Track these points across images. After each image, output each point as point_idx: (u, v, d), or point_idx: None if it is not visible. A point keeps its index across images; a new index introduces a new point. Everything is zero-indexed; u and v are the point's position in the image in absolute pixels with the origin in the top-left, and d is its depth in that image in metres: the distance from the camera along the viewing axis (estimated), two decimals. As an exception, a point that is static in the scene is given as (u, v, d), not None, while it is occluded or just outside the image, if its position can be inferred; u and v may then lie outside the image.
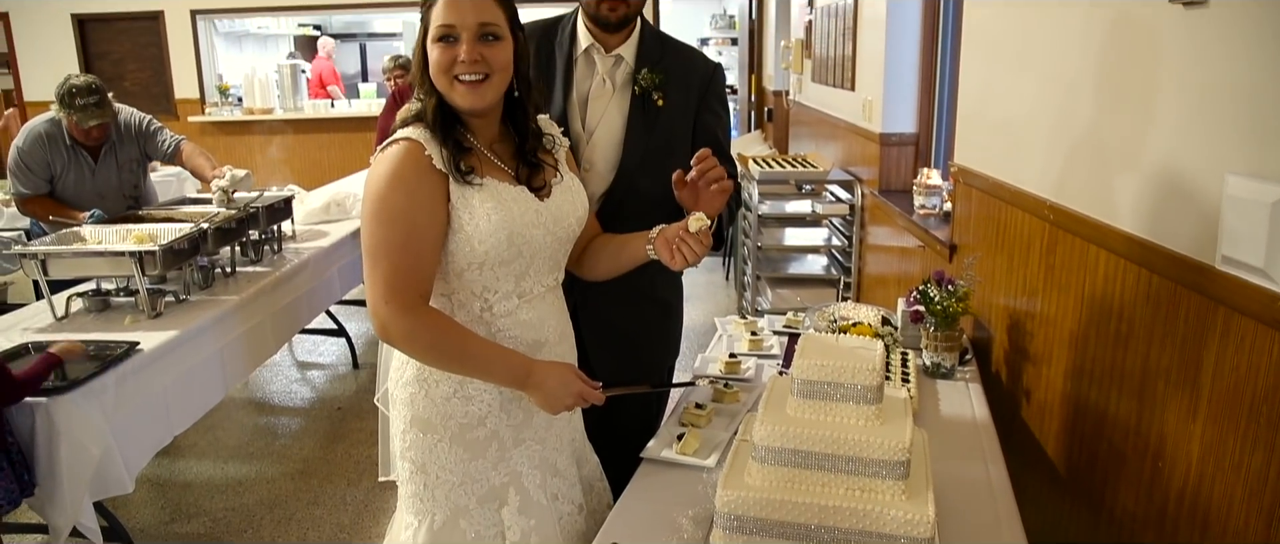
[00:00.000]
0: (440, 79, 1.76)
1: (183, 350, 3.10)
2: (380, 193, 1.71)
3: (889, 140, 4.43)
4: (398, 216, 1.70)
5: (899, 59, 4.33)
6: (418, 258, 1.73)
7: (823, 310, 2.91)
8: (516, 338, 1.86)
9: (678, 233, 1.84)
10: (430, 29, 1.75)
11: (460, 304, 1.84)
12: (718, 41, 13.91)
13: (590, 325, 2.24)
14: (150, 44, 9.72)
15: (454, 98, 1.77)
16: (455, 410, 1.86)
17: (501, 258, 1.80)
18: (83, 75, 3.94)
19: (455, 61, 1.74)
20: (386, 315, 1.71)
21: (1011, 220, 2.72)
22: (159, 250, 3.15)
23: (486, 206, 1.76)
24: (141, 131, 4.17)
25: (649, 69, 2.25)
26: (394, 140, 1.77)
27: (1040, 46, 2.54)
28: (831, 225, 5.42)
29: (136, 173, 4.20)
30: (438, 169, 1.74)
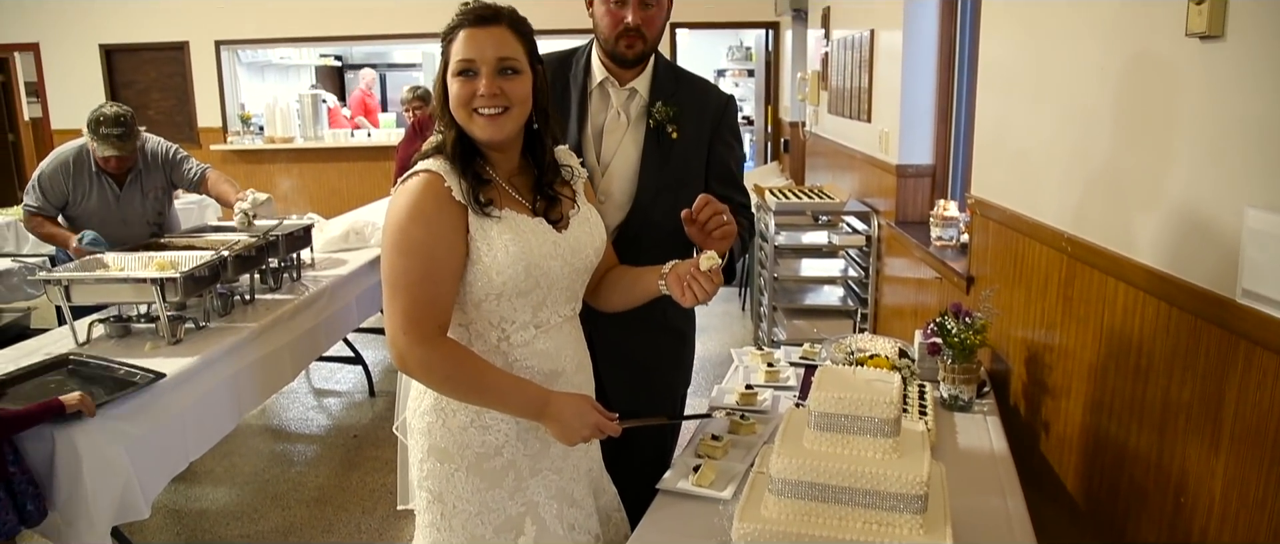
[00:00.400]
0: (460, 112, 1.78)
1: (201, 377, 3.11)
2: (400, 224, 1.73)
3: (905, 172, 4.42)
4: (417, 248, 1.72)
5: (915, 91, 4.33)
6: (436, 289, 1.74)
7: (839, 342, 2.91)
8: (533, 368, 1.86)
9: (690, 270, 1.84)
10: (450, 63, 1.78)
11: (478, 334, 1.85)
12: (734, 73, 13.97)
13: (605, 353, 2.24)
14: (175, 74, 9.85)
15: (473, 130, 1.78)
16: (472, 440, 1.86)
17: (519, 289, 1.80)
18: (114, 105, 3.98)
19: (475, 95, 1.76)
20: (404, 346, 1.73)
21: (1029, 252, 2.70)
22: (180, 277, 3.17)
23: (505, 238, 1.77)
24: (168, 160, 4.21)
25: (663, 102, 2.27)
26: (414, 172, 1.78)
27: (1057, 79, 2.54)
28: (848, 256, 5.40)
29: (161, 200, 4.24)
30: (457, 201, 1.75)
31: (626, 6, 2.18)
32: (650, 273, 1.93)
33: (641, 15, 2.19)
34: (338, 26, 9.71)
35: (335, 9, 9.62)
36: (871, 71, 4.95)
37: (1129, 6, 2.15)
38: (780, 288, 5.43)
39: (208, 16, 9.68)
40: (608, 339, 2.25)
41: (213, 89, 9.84)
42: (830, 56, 6.25)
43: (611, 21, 2.19)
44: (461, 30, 1.77)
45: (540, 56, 1.86)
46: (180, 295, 3.19)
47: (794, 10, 7.82)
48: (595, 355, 2.12)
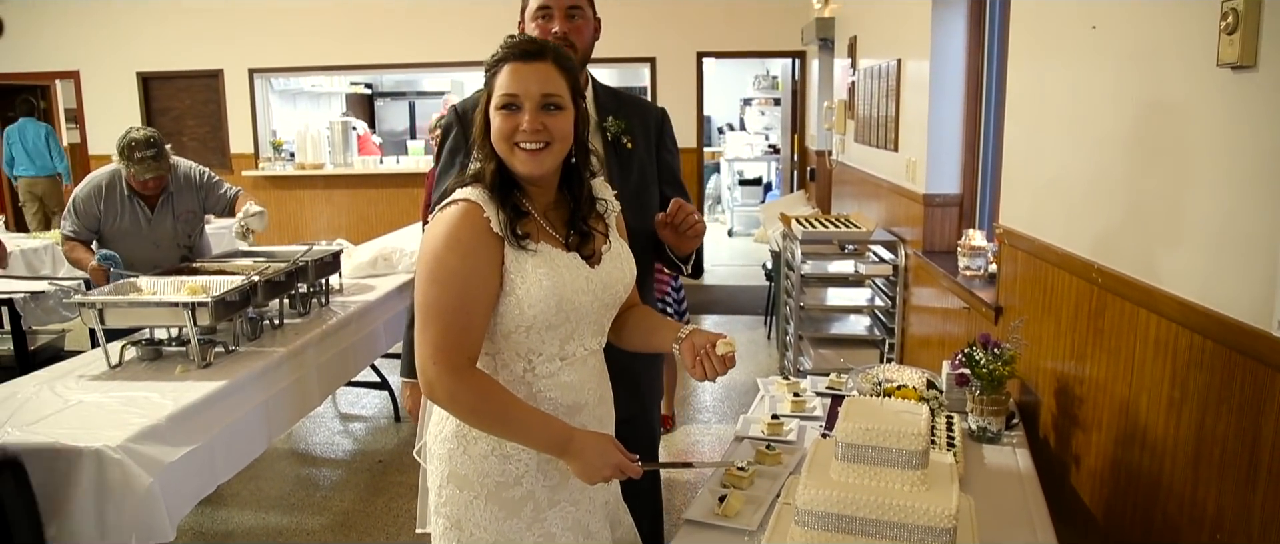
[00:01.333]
0: (502, 145, 1.79)
1: (231, 400, 3.12)
2: (437, 252, 1.74)
3: (933, 201, 4.40)
4: (452, 278, 1.73)
5: (942, 120, 4.32)
6: (469, 320, 1.74)
7: (866, 372, 2.89)
8: (555, 400, 1.87)
9: (705, 347, 1.85)
10: (494, 96, 1.79)
11: (504, 364, 1.85)
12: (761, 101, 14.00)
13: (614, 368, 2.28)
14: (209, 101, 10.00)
15: (514, 164, 1.80)
16: (492, 469, 1.86)
17: (549, 322, 1.81)
18: (143, 128, 4.05)
19: (517, 129, 1.77)
20: (433, 375, 1.73)
21: (1058, 283, 2.68)
22: (211, 302, 3.20)
23: (539, 272, 1.78)
24: (199, 184, 4.26)
25: (613, 117, 2.40)
26: (452, 201, 1.79)
27: (1086, 108, 2.52)
28: (874, 286, 5.38)
29: (192, 224, 4.28)
30: (494, 233, 1.76)
31: (553, 19, 2.29)
32: (667, 330, 1.96)
33: (568, 25, 2.30)
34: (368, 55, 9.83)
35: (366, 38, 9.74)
36: (898, 100, 4.94)
37: (1157, 37, 2.14)
38: (806, 316, 5.40)
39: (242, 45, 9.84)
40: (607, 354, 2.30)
41: (246, 116, 9.97)
42: (857, 85, 6.25)
43: (541, 35, 2.28)
44: (506, 64, 1.79)
45: (582, 92, 1.88)
46: (211, 319, 3.22)
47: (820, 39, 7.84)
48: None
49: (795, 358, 5.26)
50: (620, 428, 2.05)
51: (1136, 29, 2.24)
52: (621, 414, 2.08)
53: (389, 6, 9.70)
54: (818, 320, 5.49)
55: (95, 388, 3.06)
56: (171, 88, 10.04)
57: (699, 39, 9.47)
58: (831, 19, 7.51)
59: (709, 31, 9.48)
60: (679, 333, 1.91)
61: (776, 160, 12.70)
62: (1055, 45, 2.78)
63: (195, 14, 9.80)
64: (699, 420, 5.21)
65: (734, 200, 12.89)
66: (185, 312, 3.17)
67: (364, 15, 9.72)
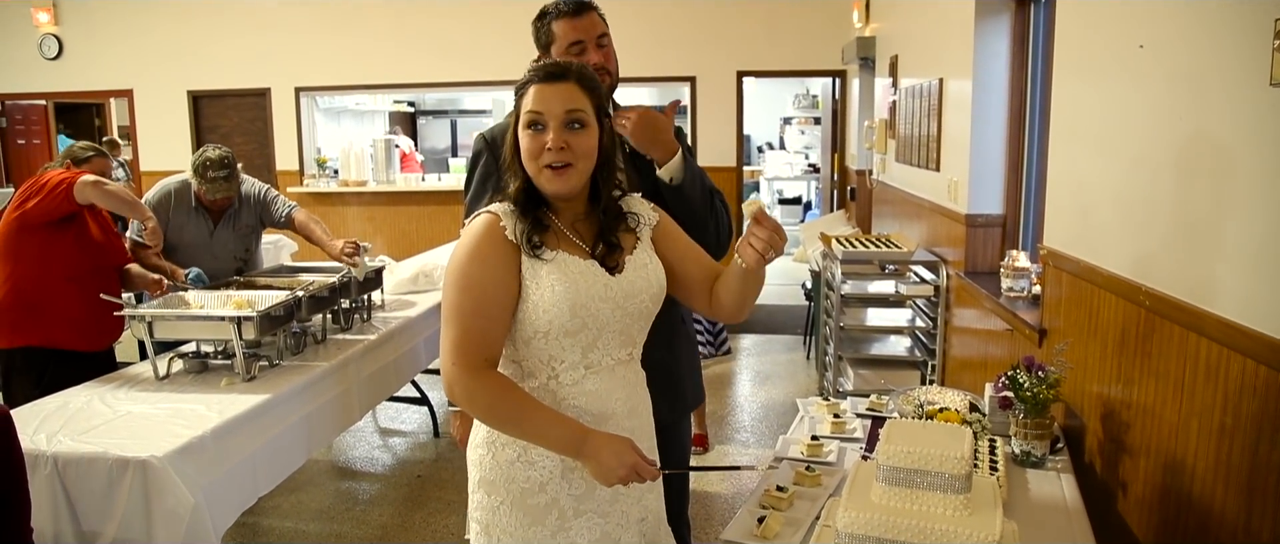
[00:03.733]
0: (530, 164, 1.86)
1: (274, 413, 3.16)
2: (459, 261, 1.84)
3: (975, 221, 4.36)
4: (471, 284, 1.82)
5: (985, 139, 4.28)
6: (486, 323, 1.82)
7: (907, 394, 2.87)
8: (581, 408, 1.89)
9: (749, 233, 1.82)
10: (521, 115, 1.87)
11: (529, 372, 1.91)
12: (800, 120, 13.98)
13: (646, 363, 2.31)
14: (257, 119, 10.16)
15: (541, 183, 1.87)
16: (518, 475, 1.89)
17: (566, 328, 1.85)
18: (217, 148, 4.15)
19: (543, 148, 1.83)
20: (453, 375, 1.81)
21: (1104, 305, 2.63)
22: (256, 316, 3.24)
23: (552, 278, 1.84)
24: (259, 200, 4.36)
25: None
26: (478, 214, 1.89)
27: (1133, 127, 2.49)
28: (915, 306, 5.34)
29: (249, 239, 4.37)
30: (511, 241, 1.84)
31: (587, 51, 2.35)
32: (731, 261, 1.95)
33: (600, 54, 2.38)
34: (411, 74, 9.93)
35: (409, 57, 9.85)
36: (940, 120, 4.91)
37: (1206, 55, 2.10)
38: (846, 337, 5.37)
39: (289, 64, 9.99)
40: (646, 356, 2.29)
41: (291, 133, 10.10)
42: (898, 105, 6.22)
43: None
44: (532, 86, 1.86)
45: (607, 112, 1.93)
46: (256, 334, 3.26)
47: (861, 59, 7.81)
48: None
49: (835, 378, 5.23)
50: (658, 436, 2.05)
51: (1185, 47, 2.21)
52: (662, 419, 2.10)
53: (432, 27, 9.81)
54: (858, 341, 5.46)
55: (143, 399, 3.11)
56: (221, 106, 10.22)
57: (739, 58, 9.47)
58: (872, 38, 7.48)
59: (749, 51, 9.48)
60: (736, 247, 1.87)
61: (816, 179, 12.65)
62: (1101, 64, 2.75)
63: (244, 34, 9.99)
64: (736, 440, 5.18)
65: (773, 219, 12.83)
66: (231, 325, 3.22)
67: (407, 35, 9.83)
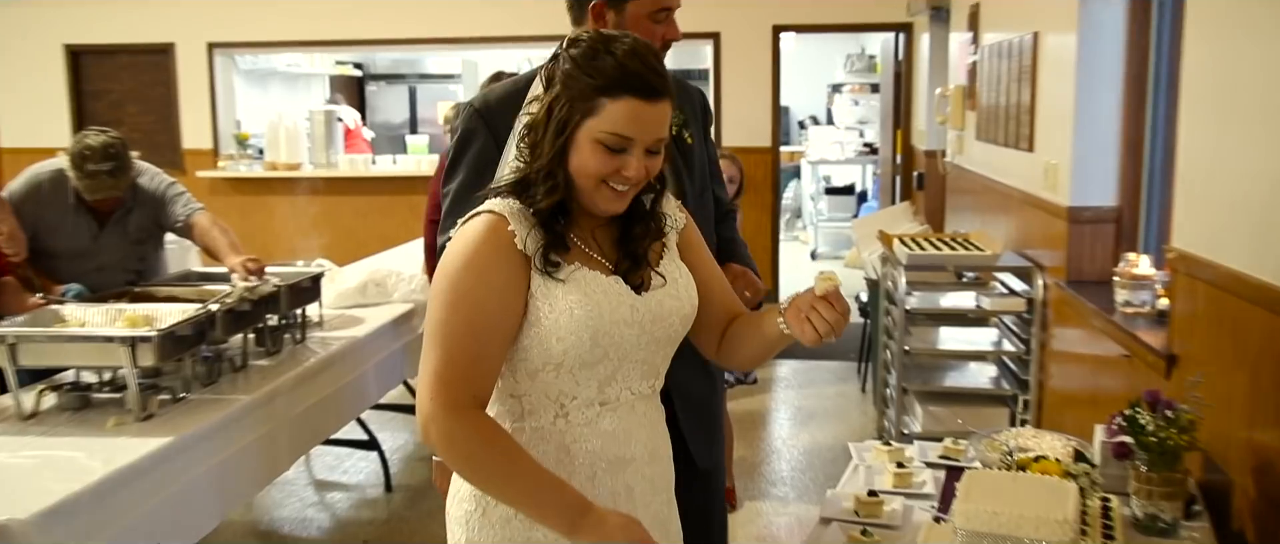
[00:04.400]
0: (587, 180, 1.89)
1: (177, 462, 3.13)
2: (450, 270, 1.86)
3: (1080, 215, 4.35)
4: (464, 299, 1.84)
5: (1094, 111, 4.27)
6: (479, 350, 1.84)
7: (992, 438, 2.87)
8: (595, 451, 1.94)
9: (808, 300, 1.92)
10: (595, 125, 1.86)
11: (531, 409, 1.93)
12: (853, 88, 14.00)
13: (684, 408, 2.51)
14: (157, 83, 10.13)
15: (596, 200, 1.91)
16: (516, 535, 1.91)
17: (583, 359, 1.88)
18: (101, 132, 4.05)
19: (617, 172, 1.88)
20: (430, 410, 1.82)
21: (1255, 324, 2.62)
22: (156, 336, 3.22)
23: (571, 299, 1.87)
24: (158, 197, 4.29)
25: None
26: (478, 212, 1.91)
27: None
28: (1002, 325, 5.33)
29: (146, 245, 4.33)
30: (520, 251, 1.86)
31: (668, 23, 2.54)
32: (770, 314, 2.03)
33: (671, 29, 2.56)
34: (358, 29, 9.92)
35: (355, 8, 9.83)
36: (1035, 86, 4.90)
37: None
38: (912, 365, 5.36)
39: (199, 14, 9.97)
40: (686, 395, 2.51)
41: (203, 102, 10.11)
42: (979, 67, 6.21)
43: (647, 36, 2.42)
44: (627, 99, 1.85)
45: None
46: (155, 359, 3.24)
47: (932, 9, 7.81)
48: (676, 414, 2.37)
49: (898, 417, 5.22)
50: (695, 485, 2.19)
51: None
52: (704, 464, 2.30)
53: (385, -33, 9.81)
54: (927, 369, 5.45)
55: (3, 445, 3.08)
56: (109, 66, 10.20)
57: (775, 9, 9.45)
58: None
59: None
60: (780, 307, 1.99)
61: (874, 163, 12.65)
62: (1250, 15, 2.73)
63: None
64: (772, 496, 5.17)
65: (818, 214, 12.86)
66: (122, 348, 3.19)
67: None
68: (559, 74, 1.89)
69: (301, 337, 4.26)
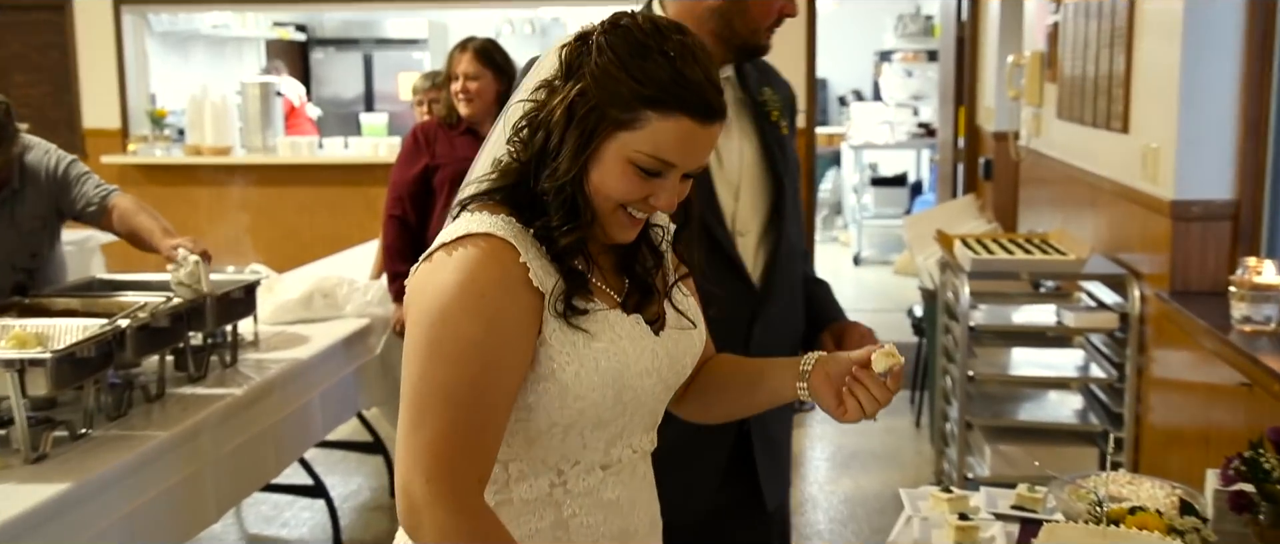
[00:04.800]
0: (604, 202, 1.85)
1: (77, 514, 3.12)
2: (446, 312, 1.78)
3: (1188, 211, 4.34)
4: (469, 353, 1.77)
5: (1205, 83, 4.27)
6: (487, 418, 1.79)
7: (1077, 485, 2.86)
8: (595, 527, 1.93)
9: (850, 370, 1.97)
10: (634, 141, 1.81)
11: (520, 476, 1.91)
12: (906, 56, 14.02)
13: (763, 446, 2.72)
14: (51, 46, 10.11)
15: (611, 227, 1.89)
16: None
17: (600, 418, 1.88)
18: None
19: (646, 199, 1.86)
20: (421, 499, 1.75)
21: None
22: (49, 359, 3.20)
23: (595, 349, 1.85)
24: (55, 177, 4.27)
25: (769, 89, 2.77)
26: (470, 234, 1.83)
27: None
28: (1089, 347, 5.34)
29: (39, 238, 4.31)
30: (533, 288, 1.82)
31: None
32: (783, 370, 2.07)
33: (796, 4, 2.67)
34: (301, -19, 9.92)
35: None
36: (1130, 52, 4.90)
37: None
38: (978, 394, 5.37)
39: (105, -40, 9.96)
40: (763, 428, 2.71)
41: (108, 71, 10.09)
42: (1062, 29, 6.20)
43: (763, 10, 2.63)
44: (680, 115, 1.81)
45: None
46: (49, 387, 3.22)
47: (1003, -42, 7.80)
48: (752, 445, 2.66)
49: (961, 458, 5.23)
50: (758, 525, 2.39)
51: None
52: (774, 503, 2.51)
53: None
54: (997, 399, 5.47)
55: None
56: (-10, 24, 10.19)
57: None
58: (1021, -74, 7.50)
59: (826, -54, 9.48)
60: (802, 366, 2.02)
61: (930, 147, 12.65)
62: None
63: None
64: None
65: (863, 210, 12.87)
66: (7, 375, 3.17)
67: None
68: (591, 66, 1.81)
69: (232, 359, 4.25)
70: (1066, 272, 5.18)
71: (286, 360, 4.36)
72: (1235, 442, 3.26)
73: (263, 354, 4.43)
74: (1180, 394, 4.40)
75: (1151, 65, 4.66)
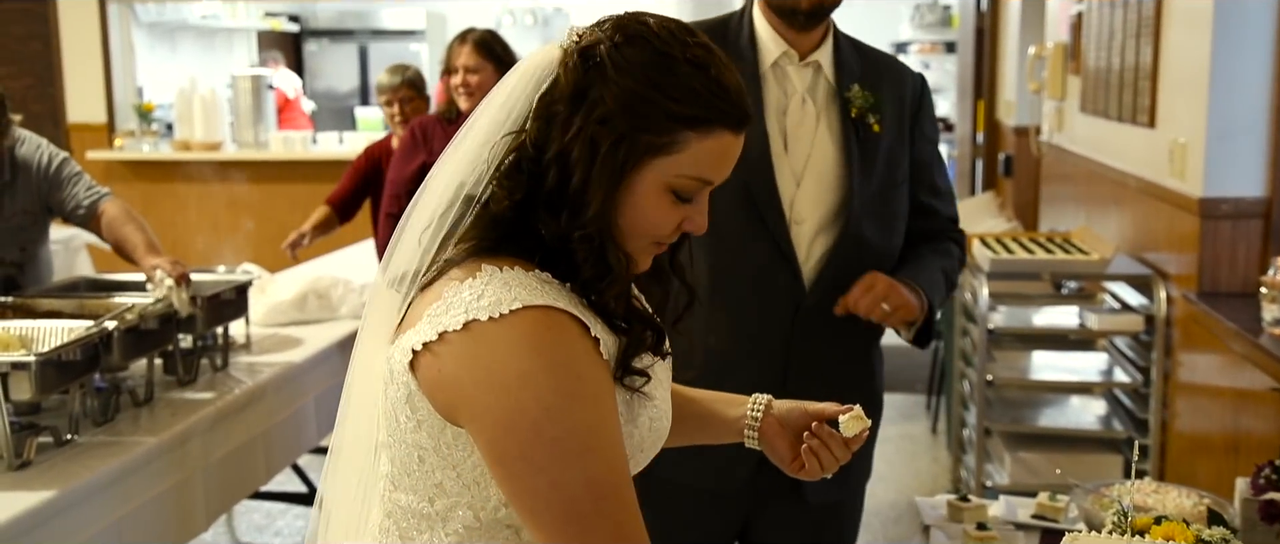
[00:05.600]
0: (642, 239, 1.75)
1: (64, 522, 3.12)
2: (550, 407, 1.62)
3: (1217, 209, 4.34)
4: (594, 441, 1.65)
5: (1236, 74, 4.27)
6: (633, 491, 1.69)
7: (1101, 493, 2.88)
8: None
9: (809, 425, 1.90)
10: (671, 165, 1.69)
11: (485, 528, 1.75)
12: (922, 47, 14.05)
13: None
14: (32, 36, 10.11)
15: (639, 262, 1.77)
16: None
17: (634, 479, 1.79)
18: None
19: (676, 228, 1.75)
20: None
21: None
22: (34, 362, 3.20)
23: (651, 409, 1.78)
24: (45, 173, 4.28)
25: (859, 86, 2.78)
26: (526, 308, 1.65)
27: None
28: (1113, 350, 5.35)
29: (29, 233, 4.32)
30: (604, 359, 1.70)
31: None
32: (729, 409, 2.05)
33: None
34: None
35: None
36: (1157, 43, 4.90)
37: None
38: (997, 399, 5.38)
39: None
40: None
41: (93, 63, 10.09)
42: (1086, 20, 6.21)
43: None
44: (721, 130, 1.71)
45: None
46: (34, 391, 3.22)
47: (1024, -54, 7.81)
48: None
49: (979, 466, 5.25)
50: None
51: None
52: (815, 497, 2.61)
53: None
54: (1017, 405, 5.48)
55: None
56: (-32, 14, 10.19)
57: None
58: (1043, -87, 7.50)
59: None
60: (749, 408, 2.00)
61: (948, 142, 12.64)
62: None
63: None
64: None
65: (878, 207, 12.83)
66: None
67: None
68: (612, 89, 1.65)
69: (223, 362, 4.26)
70: (1089, 272, 5.19)
71: (279, 364, 4.36)
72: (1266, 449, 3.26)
73: (255, 357, 4.43)
74: (1208, 399, 4.40)
75: (1180, 57, 4.66)
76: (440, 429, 1.68)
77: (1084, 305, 5.37)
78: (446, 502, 1.73)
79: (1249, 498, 2.69)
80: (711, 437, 2.03)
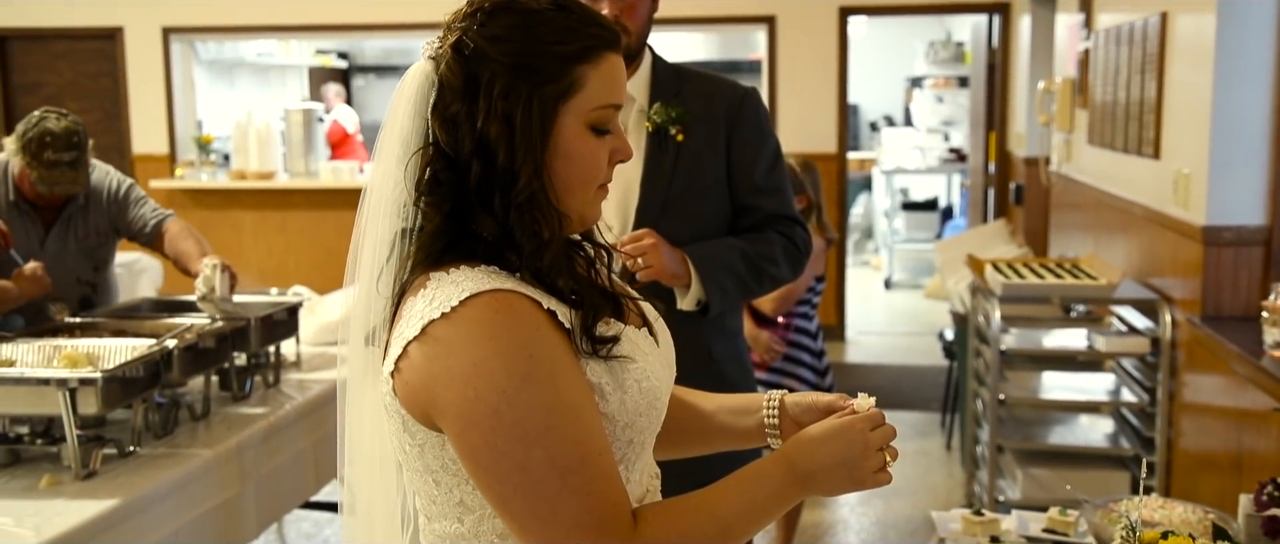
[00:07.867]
0: (583, 190, 1.73)
1: (124, 530, 3.13)
2: (503, 390, 1.60)
3: (1219, 237, 4.32)
4: (553, 418, 1.60)
5: (1237, 106, 4.25)
6: (608, 461, 1.65)
7: (1109, 509, 2.86)
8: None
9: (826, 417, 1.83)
10: (582, 102, 1.69)
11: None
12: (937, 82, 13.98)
13: None
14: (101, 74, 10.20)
15: (588, 213, 1.77)
16: None
17: (643, 444, 1.78)
18: (62, 116, 4.09)
19: (612, 158, 1.76)
20: None
21: None
22: (99, 378, 3.22)
23: (634, 370, 1.72)
24: (115, 198, 4.34)
25: (662, 103, 2.95)
26: (472, 297, 1.63)
27: None
28: (1120, 371, 5.32)
29: (100, 253, 4.38)
30: (565, 329, 1.67)
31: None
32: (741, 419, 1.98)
33: (618, 5, 2.77)
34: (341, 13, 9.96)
35: (339, -14, 9.88)
36: (1162, 78, 4.89)
37: None
38: (1009, 417, 5.36)
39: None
40: None
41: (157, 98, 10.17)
42: (1093, 56, 6.20)
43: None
44: (606, 52, 1.71)
45: None
46: (99, 406, 3.24)
47: (1034, -14, 7.80)
48: None
49: (992, 481, 5.23)
50: None
51: None
52: None
53: (374, -62, 9.86)
54: (1028, 424, 5.46)
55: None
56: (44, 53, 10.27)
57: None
58: (1052, -45, 7.50)
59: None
60: (765, 413, 1.93)
61: (961, 173, 12.61)
62: None
63: (81, -57, 10.03)
64: (841, 576, 5.14)
65: (894, 234, 12.84)
66: (59, 393, 3.19)
67: (337, -48, 9.89)
68: (498, 61, 1.65)
69: (275, 379, 4.28)
70: (1097, 296, 5.16)
71: (328, 380, 4.36)
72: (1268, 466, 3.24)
73: (305, 374, 4.45)
74: (1212, 418, 4.37)
75: (1183, 91, 4.65)
76: (440, 446, 1.67)
77: (1092, 328, 5.35)
78: (473, 517, 1.71)
79: (1252, 514, 2.67)
80: (734, 444, 2.00)
